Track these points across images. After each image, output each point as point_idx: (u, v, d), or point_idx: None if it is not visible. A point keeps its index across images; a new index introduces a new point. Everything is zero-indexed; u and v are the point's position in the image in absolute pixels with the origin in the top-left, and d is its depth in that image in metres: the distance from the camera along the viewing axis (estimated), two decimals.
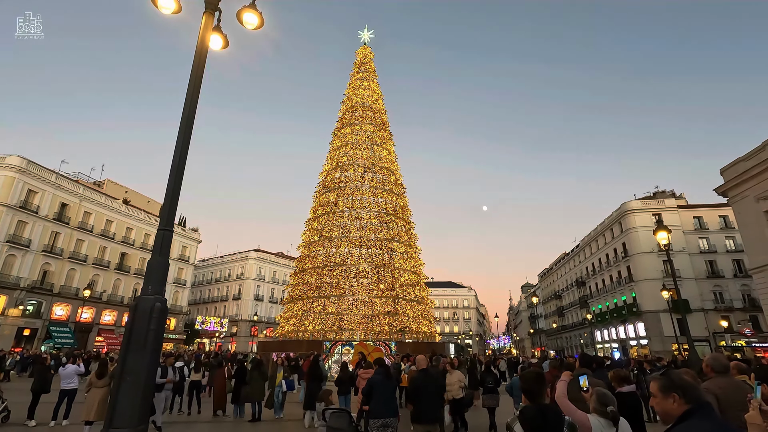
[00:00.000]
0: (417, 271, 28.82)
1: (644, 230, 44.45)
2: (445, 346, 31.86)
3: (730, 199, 28.63)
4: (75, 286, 41.34)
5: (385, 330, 24.93)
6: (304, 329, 25.63)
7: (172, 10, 5.40)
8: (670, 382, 2.15)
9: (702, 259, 44.30)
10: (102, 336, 43.62)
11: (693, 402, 2.05)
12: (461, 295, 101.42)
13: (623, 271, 48.90)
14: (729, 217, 42.95)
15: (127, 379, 3.67)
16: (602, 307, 54.49)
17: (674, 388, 2.11)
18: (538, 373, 3.31)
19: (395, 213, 28.90)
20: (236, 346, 59.85)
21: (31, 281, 37.56)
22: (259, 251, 69.20)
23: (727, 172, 28.14)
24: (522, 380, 3.32)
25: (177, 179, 4.54)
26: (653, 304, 42.06)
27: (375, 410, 5.91)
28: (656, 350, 38.72)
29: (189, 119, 4.79)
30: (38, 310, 38.50)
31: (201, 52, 5.09)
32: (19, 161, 37.35)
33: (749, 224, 26.75)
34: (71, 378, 10.91)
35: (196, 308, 67.80)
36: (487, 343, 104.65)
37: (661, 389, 2.16)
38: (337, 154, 30.68)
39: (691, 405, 2.04)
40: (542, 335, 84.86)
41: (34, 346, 35.83)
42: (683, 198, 52.25)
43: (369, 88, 33.12)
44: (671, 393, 2.11)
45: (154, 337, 3.87)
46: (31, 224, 38.05)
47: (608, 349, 51.78)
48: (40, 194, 39.17)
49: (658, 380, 2.22)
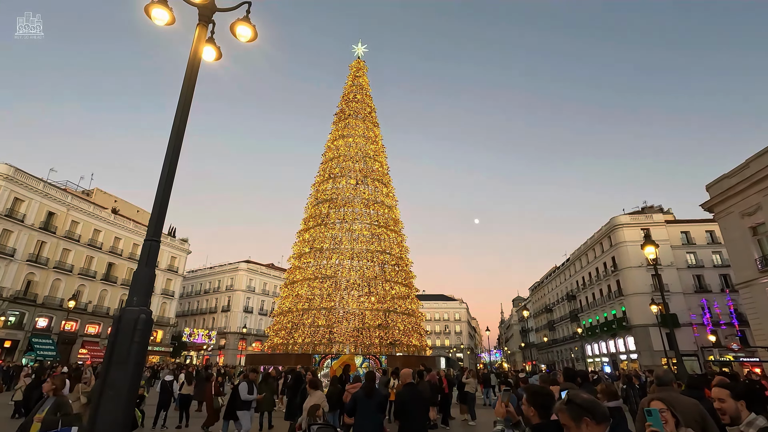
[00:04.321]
0: (408, 284, 28.72)
1: (633, 245, 44.95)
2: (435, 360, 31.63)
3: (715, 215, 29.13)
4: (59, 297, 40.46)
5: (376, 343, 24.68)
6: (293, 342, 25.29)
7: (165, 21, 5.43)
8: (578, 407, 2.07)
9: (690, 273, 44.82)
10: (86, 348, 42.57)
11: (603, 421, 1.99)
12: (452, 308, 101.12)
13: (613, 285, 49.24)
14: (715, 233, 43.63)
15: (108, 393, 3.58)
16: (592, 321, 54.65)
17: (584, 411, 2.04)
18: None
19: (387, 225, 28.90)
20: (224, 359, 58.76)
21: (14, 291, 36.68)
22: (249, 262, 68.52)
23: (713, 188, 28.69)
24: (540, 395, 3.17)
25: (166, 189, 4.52)
26: (642, 318, 42.31)
27: (358, 424, 5.84)
28: (646, 364, 38.83)
29: (179, 130, 4.79)
30: (20, 321, 37.52)
31: (193, 64, 5.12)
32: (6, 169, 36.81)
33: (735, 240, 27.20)
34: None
35: (184, 320, 66.63)
36: (479, 357, 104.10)
37: (572, 417, 2.06)
38: (329, 165, 30.73)
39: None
40: (533, 349, 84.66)
41: (15, 358, 34.82)
42: (671, 213, 53.06)
43: (362, 101, 33.38)
44: (582, 418, 2.03)
45: (138, 350, 3.79)
46: (17, 233, 37.33)
47: (599, 364, 51.80)
48: (27, 202, 38.54)
49: (566, 410, 2.10)
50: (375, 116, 33.89)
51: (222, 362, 55.93)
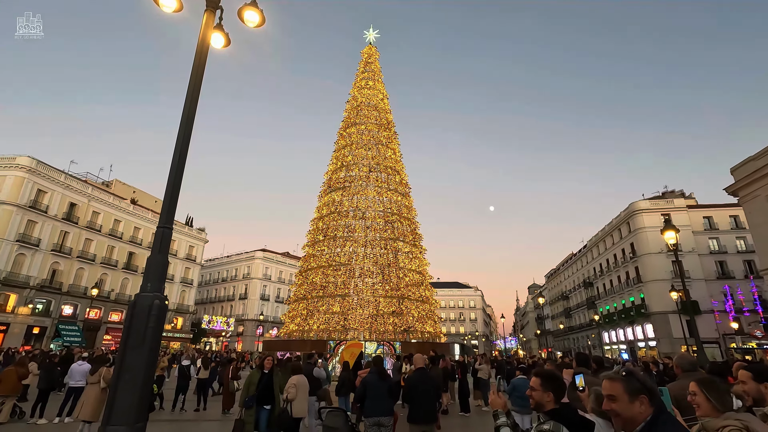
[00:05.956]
0: (422, 271, 28.72)
1: (652, 230, 43.93)
2: (450, 347, 31.74)
3: (740, 198, 28.20)
4: (83, 285, 41.79)
5: (390, 330, 24.87)
6: (308, 329, 25.66)
7: (173, 8, 5.42)
8: (638, 382, 1.92)
9: (712, 259, 43.68)
10: (110, 334, 44.05)
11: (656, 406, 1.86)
12: (467, 296, 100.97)
13: (631, 272, 48.38)
14: (740, 217, 42.32)
15: (125, 376, 3.67)
16: (610, 308, 53.95)
17: (642, 390, 1.90)
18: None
19: (400, 213, 28.83)
20: (242, 345, 60.15)
21: (40, 280, 38.03)
22: (265, 251, 69.49)
23: (738, 171, 27.73)
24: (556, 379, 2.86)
25: (177, 177, 4.54)
26: (661, 305, 41.57)
27: (368, 409, 5.88)
28: (665, 352, 38.21)
29: (189, 117, 4.78)
30: (47, 309, 38.96)
31: (202, 51, 5.09)
32: (29, 161, 37.82)
33: (761, 224, 26.33)
34: (79, 376, 10.82)
35: (203, 308, 68.23)
36: (494, 344, 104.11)
37: (627, 391, 1.91)
38: (342, 153, 30.68)
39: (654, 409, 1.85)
40: (549, 336, 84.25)
41: (44, 344, 36.25)
42: (693, 198, 51.56)
43: (374, 87, 33.09)
44: (639, 396, 1.89)
45: (153, 334, 3.86)
46: (41, 224, 38.51)
47: (616, 351, 51.28)
48: (50, 194, 39.64)
49: (622, 381, 1.96)
50: (387, 102, 33.58)
51: (240, 348, 57.27)
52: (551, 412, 2.54)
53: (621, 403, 1.91)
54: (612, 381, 1.99)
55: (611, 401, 1.95)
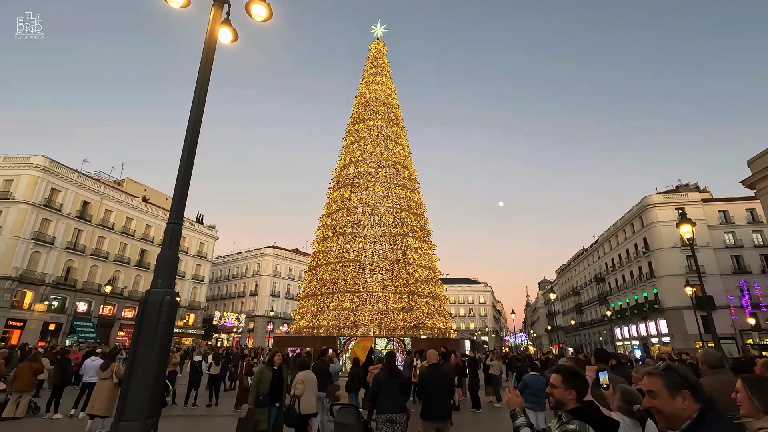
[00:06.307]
0: (431, 267, 28.62)
1: (666, 225, 43.22)
2: (460, 343, 31.63)
3: (758, 191, 27.50)
4: (97, 282, 42.46)
5: (400, 326, 24.85)
6: (318, 325, 25.75)
7: (180, 3, 5.39)
8: (679, 377, 1.83)
9: (728, 254, 42.85)
10: (123, 331, 44.75)
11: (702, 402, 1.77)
12: (477, 292, 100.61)
13: (644, 267, 47.69)
14: (757, 211, 41.45)
15: (137, 371, 3.66)
16: (622, 304, 53.30)
17: (684, 384, 1.80)
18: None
19: (409, 208, 28.72)
20: (253, 341, 60.69)
21: (55, 277, 38.73)
22: (275, 248, 69.90)
23: (755, 163, 27.02)
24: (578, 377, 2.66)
25: (186, 172, 4.51)
26: (675, 300, 40.92)
27: (381, 406, 5.83)
28: (679, 348, 37.66)
29: (197, 113, 4.75)
30: (62, 306, 39.70)
31: (210, 46, 5.05)
32: (43, 161, 38.44)
33: None
34: (93, 372, 10.92)
35: (214, 304, 68.98)
36: (504, 339, 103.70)
37: (667, 386, 1.83)
38: (350, 149, 30.62)
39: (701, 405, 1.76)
40: (560, 332, 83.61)
41: (59, 341, 36.95)
42: (708, 191, 50.51)
43: (382, 83, 32.92)
44: (680, 391, 1.80)
45: (164, 330, 3.85)
46: (55, 222, 39.16)
47: (628, 347, 50.65)
48: (63, 193, 40.27)
49: (661, 376, 1.87)
50: (395, 98, 33.41)
51: (251, 344, 57.79)
52: (573, 411, 2.43)
53: (662, 399, 1.82)
54: (651, 376, 1.90)
55: (652, 398, 1.87)
